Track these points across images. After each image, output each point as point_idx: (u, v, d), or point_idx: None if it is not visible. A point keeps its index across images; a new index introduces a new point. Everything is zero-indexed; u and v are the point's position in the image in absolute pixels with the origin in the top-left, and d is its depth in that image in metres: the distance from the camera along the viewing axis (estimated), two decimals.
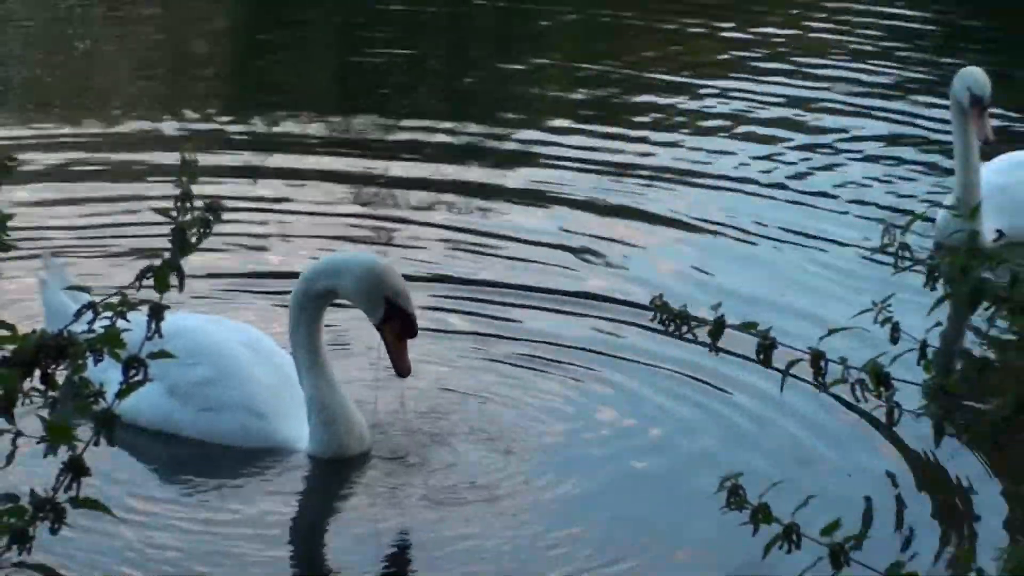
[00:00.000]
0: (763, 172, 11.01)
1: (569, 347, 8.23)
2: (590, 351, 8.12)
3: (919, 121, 12.12)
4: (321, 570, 6.44)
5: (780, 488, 4.47)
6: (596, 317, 8.68)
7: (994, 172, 9.14)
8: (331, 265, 6.86)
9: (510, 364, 8.08)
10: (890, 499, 6.71)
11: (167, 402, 7.02)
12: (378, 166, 11.20)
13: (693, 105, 12.54)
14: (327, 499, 6.87)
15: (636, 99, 12.65)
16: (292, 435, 6.95)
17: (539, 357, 8.15)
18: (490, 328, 8.55)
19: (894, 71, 13.53)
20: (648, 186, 10.78)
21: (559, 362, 8.08)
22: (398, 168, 11.16)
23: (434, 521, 6.60)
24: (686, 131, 11.99)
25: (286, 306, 7.18)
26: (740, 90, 12.91)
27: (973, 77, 9.17)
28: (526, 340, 8.36)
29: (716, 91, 12.84)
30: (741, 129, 12.04)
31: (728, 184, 10.83)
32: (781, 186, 10.80)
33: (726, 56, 13.77)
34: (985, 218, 8.41)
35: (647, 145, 11.66)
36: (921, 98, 12.90)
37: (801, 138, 11.81)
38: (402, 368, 6.79)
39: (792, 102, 12.62)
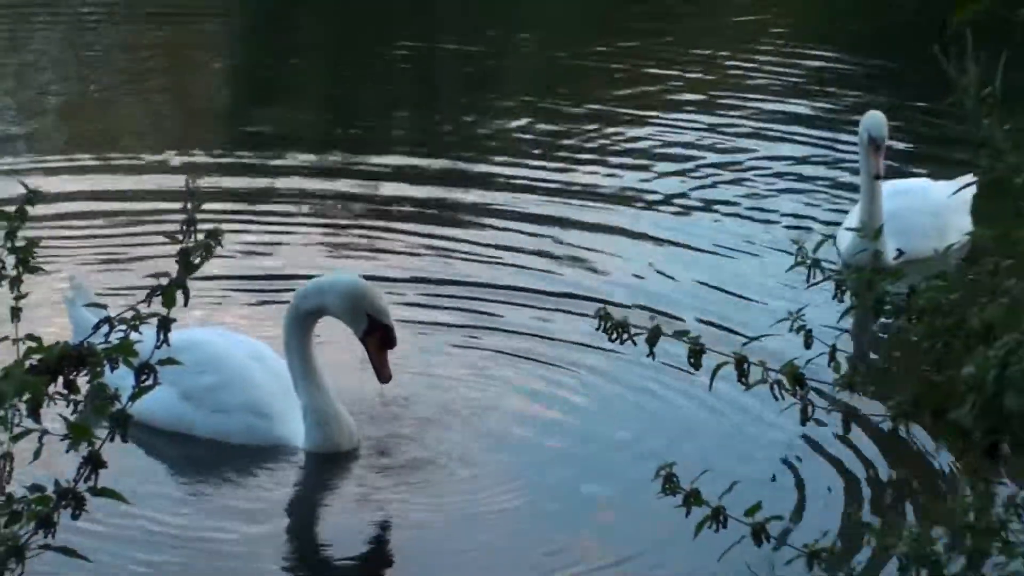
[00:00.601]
0: (692, 189, 11.01)
1: (546, 339, 8.21)
2: (568, 342, 8.08)
3: (823, 146, 12.08)
4: (316, 550, 6.49)
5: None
6: (568, 312, 8.63)
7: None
8: (318, 286, 6.94)
9: (489, 360, 8.04)
10: (805, 481, 6.68)
11: (181, 405, 7.09)
12: (362, 185, 11.18)
13: (630, 133, 12.48)
14: (321, 489, 6.91)
15: (581, 127, 12.61)
16: (290, 433, 7.02)
17: (518, 351, 8.11)
18: (469, 324, 8.52)
19: (803, 104, 13.48)
20: (595, 202, 10.78)
21: (538, 356, 8.04)
22: (378, 187, 11.15)
23: (414, 506, 6.62)
24: (624, 156, 11.93)
25: (277, 302, 7.22)
26: (669, 121, 12.87)
27: (873, 120, 9.16)
28: (504, 335, 8.32)
29: (649, 123, 12.77)
30: (672, 152, 12.01)
31: (661, 199, 10.82)
32: (704, 201, 10.83)
33: (656, 92, 13.68)
34: (886, 239, 8.49)
35: (592, 166, 11.66)
36: (824, 123, 12.87)
37: (721, 160, 11.80)
38: (383, 375, 6.87)
39: (712, 130, 12.57)
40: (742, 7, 18.05)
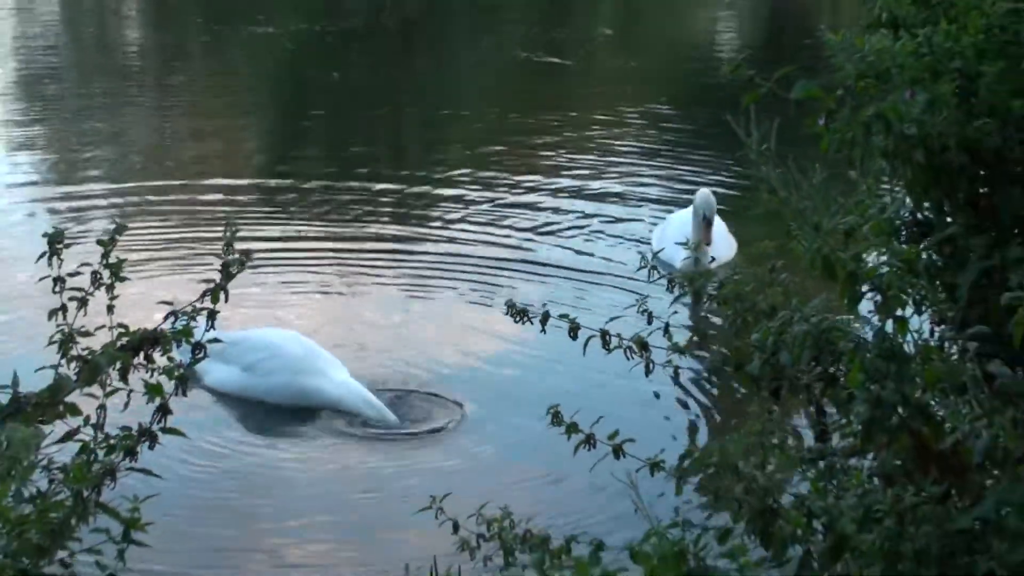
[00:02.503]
0: (580, 213, 10.94)
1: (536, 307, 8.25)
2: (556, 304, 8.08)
3: (658, 187, 11.96)
4: (329, 471, 6.59)
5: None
6: (520, 278, 8.85)
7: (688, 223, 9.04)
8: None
9: (456, 318, 8.09)
10: (656, 416, 6.66)
11: (243, 376, 7.34)
12: (356, 204, 11.14)
13: (535, 172, 12.41)
14: (338, 430, 7.06)
15: (504, 165, 12.58)
16: (316, 387, 7.24)
17: (480, 306, 8.16)
18: (461, 295, 8.55)
19: (648, 148, 13.49)
20: (517, 212, 10.82)
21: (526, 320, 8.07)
22: (368, 201, 11.15)
23: (405, 442, 6.79)
24: (530, 181, 11.90)
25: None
26: (569, 160, 12.87)
27: (704, 200, 8.82)
28: (492, 304, 8.26)
29: (553, 164, 12.73)
30: (566, 180, 12.05)
31: (559, 216, 10.80)
32: (585, 213, 10.83)
33: (557, 140, 13.66)
34: (704, 252, 8.51)
35: (514, 189, 11.61)
36: (661, 157, 12.91)
37: (592, 191, 11.75)
38: None
39: (587, 168, 12.55)
40: (612, 84, 18.20)
